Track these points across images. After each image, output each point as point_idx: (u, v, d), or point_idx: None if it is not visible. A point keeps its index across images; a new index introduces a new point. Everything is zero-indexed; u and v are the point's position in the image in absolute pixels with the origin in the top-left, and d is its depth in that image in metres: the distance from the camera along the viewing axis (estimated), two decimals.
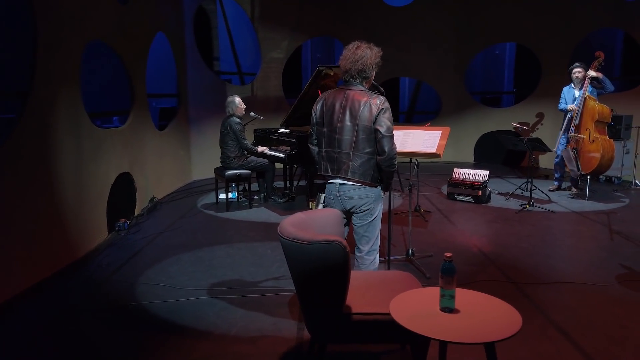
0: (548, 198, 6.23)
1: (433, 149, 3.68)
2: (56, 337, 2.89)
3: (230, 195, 6.23)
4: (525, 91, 9.51)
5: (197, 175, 7.87)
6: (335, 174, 2.82)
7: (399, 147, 3.78)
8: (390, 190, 3.58)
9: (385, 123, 2.71)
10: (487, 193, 6.20)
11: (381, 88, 3.14)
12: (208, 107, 7.95)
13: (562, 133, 6.34)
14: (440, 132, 3.76)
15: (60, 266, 3.92)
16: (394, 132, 3.48)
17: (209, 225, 5.29)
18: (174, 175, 7.15)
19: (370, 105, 2.72)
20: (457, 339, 1.70)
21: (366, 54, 2.79)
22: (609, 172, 7.03)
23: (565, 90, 6.45)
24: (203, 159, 7.75)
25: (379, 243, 2.97)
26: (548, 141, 6.46)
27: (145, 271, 3.89)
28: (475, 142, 9.72)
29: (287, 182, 6.40)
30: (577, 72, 6.29)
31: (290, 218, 2.37)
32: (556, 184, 6.74)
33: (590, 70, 6.08)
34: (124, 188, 5.27)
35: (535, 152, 6.04)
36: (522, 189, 6.52)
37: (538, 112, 8.88)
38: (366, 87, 2.87)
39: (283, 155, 5.87)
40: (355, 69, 2.80)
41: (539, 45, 8.82)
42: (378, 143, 2.73)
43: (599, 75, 6.02)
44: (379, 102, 2.73)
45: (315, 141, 2.97)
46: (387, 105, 2.75)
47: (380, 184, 2.87)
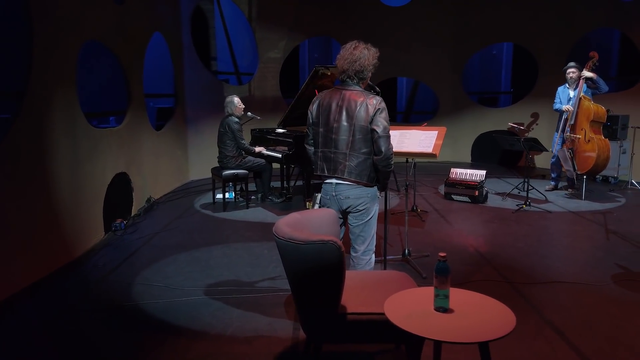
0: (545, 198, 6.25)
1: (429, 149, 3.69)
2: (52, 337, 2.89)
3: (227, 195, 6.23)
4: (523, 91, 9.53)
5: (194, 175, 7.87)
6: (332, 174, 2.82)
7: (396, 147, 3.78)
8: (386, 190, 3.58)
9: (381, 123, 2.71)
10: (484, 193, 6.21)
11: (377, 88, 3.14)
12: (205, 107, 7.95)
13: (559, 133, 6.36)
14: (436, 132, 3.76)
15: (56, 266, 3.91)
16: (391, 132, 3.49)
17: (205, 225, 5.28)
18: (171, 175, 7.14)
19: (366, 105, 2.72)
20: (451, 338, 1.70)
21: (364, 54, 2.79)
22: (605, 172, 7.05)
23: (560, 90, 6.47)
24: (200, 159, 7.75)
25: (374, 243, 2.97)
26: (544, 141, 6.48)
27: (141, 271, 3.89)
28: (473, 142, 9.74)
29: (284, 182, 6.40)
30: (571, 72, 6.31)
31: (285, 218, 2.37)
32: (553, 184, 6.75)
33: (585, 71, 6.09)
34: (120, 188, 5.26)
35: (532, 152, 6.04)
36: (519, 189, 6.54)
37: (534, 112, 8.91)
38: (362, 87, 2.87)
39: (280, 156, 5.87)
40: (353, 70, 2.79)
41: (536, 45, 8.84)
42: (374, 143, 2.74)
43: (593, 75, 6.04)
44: (375, 102, 2.73)
45: (312, 141, 2.97)
46: (383, 105, 2.76)
47: (377, 184, 2.88)
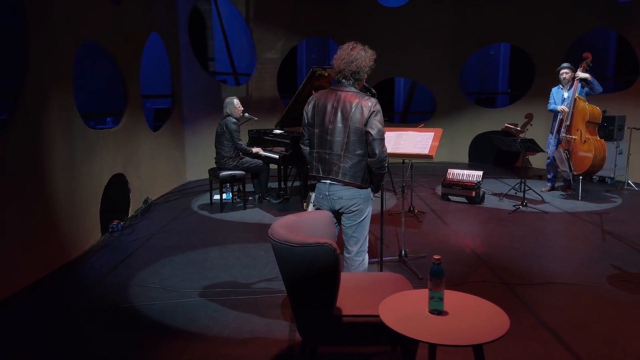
0: (541, 198, 6.26)
1: (425, 151, 3.69)
2: (49, 339, 2.88)
3: (224, 196, 6.23)
4: (520, 92, 9.55)
5: (191, 176, 7.86)
6: (327, 175, 2.82)
7: (392, 149, 3.79)
8: (382, 191, 3.59)
9: (376, 125, 2.71)
10: (481, 194, 6.22)
11: (373, 90, 3.15)
12: (203, 107, 7.95)
13: (555, 134, 6.38)
14: (432, 133, 3.77)
15: (53, 268, 3.91)
16: (387, 133, 3.49)
17: (203, 227, 5.28)
18: (168, 176, 7.14)
19: (361, 107, 2.72)
20: (445, 341, 1.71)
21: (361, 55, 2.79)
22: (602, 173, 7.07)
23: (554, 91, 6.48)
24: (198, 160, 7.75)
25: (367, 244, 2.97)
26: (541, 142, 6.49)
27: (138, 273, 3.89)
28: (470, 143, 9.76)
29: (282, 182, 6.40)
30: (564, 73, 6.33)
31: (281, 220, 2.38)
32: (549, 184, 6.77)
33: (579, 72, 6.11)
34: (117, 189, 5.26)
35: (528, 153, 6.05)
36: (516, 190, 6.55)
37: (529, 112, 8.92)
38: (358, 88, 2.88)
39: (277, 156, 5.87)
40: (349, 70, 2.80)
41: (532, 46, 8.86)
42: (369, 145, 2.74)
43: (587, 76, 6.05)
44: (370, 104, 2.74)
45: (307, 141, 2.97)
46: (378, 107, 2.76)
47: (371, 185, 2.89)
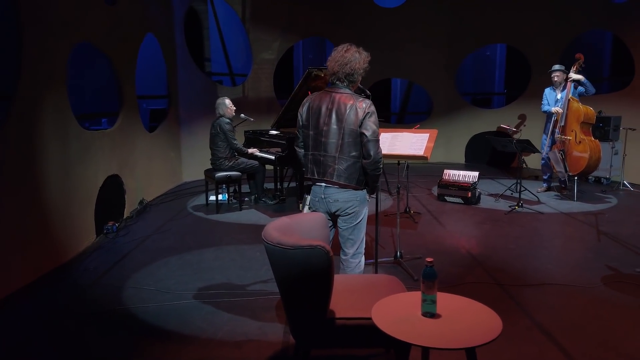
0: (537, 199, 6.27)
1: (421, 152, 3.69)
2: (42, 342, 2.87)
3: (220, 197, 6.21)
4: (516, 92, 9.57)
5: (187, 176, 7.85)
6: (322, 177, 2.81)
7: (387, 150, 3.79)
8: (377, 192, 3.59)
9: (370, 127, 2.71)
10: (477, 194, 6.23)
11: (368, 92, 3.15)
12: (199, 108, 7.93)
13: (549, 135, 6.39)
14: (427, 134, 3.77)
15: (46, 270, 3.89)
16: (382, 134, 3.48)
17: (198, 228, 5.27)
18: (164, 177, 7.12)
19: (356, 108, 2.72)
20: (437, 344, 1.71)
21: (355, 57, 2.78)
22: (598, 173, 7.09)
23: (547, 92, 6.49)
24: (194, 161, 7.73)
25: (364, 246, 2.97)
26: (537, 142, 6.51)
27: (132, 275, 3.87)
28: (467, 143, 9.77)
29: (278, 183, 6.39)
30: (556, 75, 6.35)
31: (275, 222, 2.37)
32: (545, 185, 6.78)
33: (572, 73, 6.12)
34: (113, 190, 5.24)
35: (524, 153, 6.06)
36: (512, 190, 6.56)
37: (522, 113, 8.94)
38: (352, 90, 2.87)
39: (273, 157, 5.87)
40: (343, 72, 2.79)
41: (528, 46, 8.88)
42: (364, 147, 2.74)
43: (581, 77, 6.07)
44: (364, 105, 2.73)
45: (302, 144, 2.96)
46: (372, 109, 2.76)
47: (366, 187, 2.88)
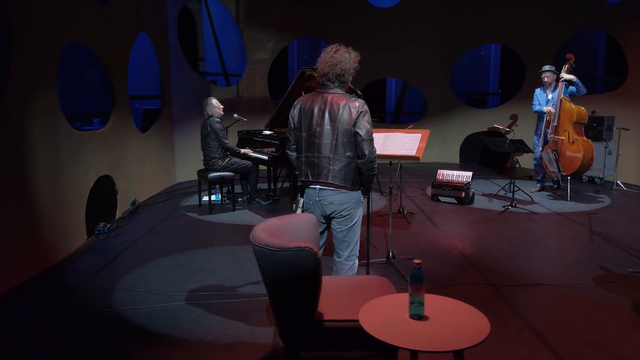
0: (531, 199, 6.27)
1: (413, 152, 3.68)
2: (27, 346, 2.83)
3: (213, 197, 6.18)
4: (511, 92, 9.57)
5: (181, 177, 7.81)
6: (316, 179, 2.78)
7: (380, 150, 3.77)
8: (369, 194, 3.57)
9: (364, 126, 2.69)
10: (470, 194, 6.22)
11: (359, 92, 3.14)
12: (192, 108, 7.87)
13: (542, 135, 6.39)
14: (420, 134, 3.76)
15: (37, 271, 3.85)
16: (375, 134, 3.47)
17: (190, 229, 5.24)
18: (157, 177, 7.08)
19: (349, 108, 2.70)
20: (424, 347, 1.69)
21: (345, 57, 2.77)
22: (591, 173, 7.10)
23: (538, 92, 6.49)
24: (188, 161, 7.69)
25: (358, 248, 2.95)
26: (530, 143, 6.51)
27: (123, 276, 3.84)
28: (461, 143, 9.77)
29: (271, 184, 6.37)
30: (546, 76, 6.35)
31: (263, 224, 2.35)
32: (539, 185, 6.78)
33: (563, 73, 6.12)
34: (104, 191, 5.20)
35: (517, 153, 6.06)
36: (505, 190, 6.56)
37: (514, 113, 8.94)
38: (343, 90, 2.86)
39: (266, 158, 5.84)
40: (334, 73, 2.77)
41: (522, 46, 8.89)
42: (358, 146, 2.72)
43: (573, 77, 6.07)
44: (358, 104, 2.72)
45: (294, 146, 2.93)
46: (366, 108, 2.74)
47: (361, 187, 2.86)
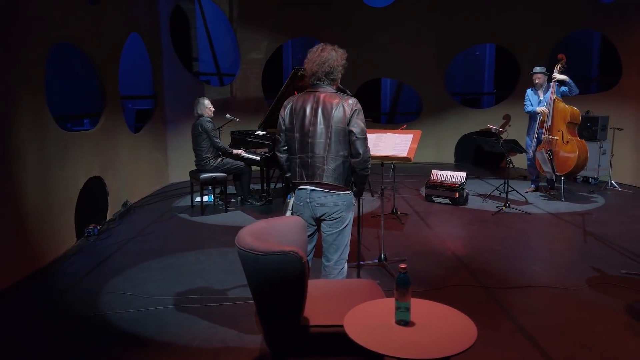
0: (525, 199, 6.24)
1: (404, 153, 3.64)
2: (9, 351, 2.78)
3: (206, 198, 6.14)
4: (505, 92, 9.55)
5: (174, 178, 7.75)
6: (310, 180, 2.73)
7: (371, 151, 3.70)
8: (361, 196, 3.53)
9: (359, 125, 2.67)
10: (464, 195, 6.19)
11: (348, 92, 3.10)
12: (185, 108, 7.78)
13: (535, 135, 6.36)
14: (411, 135, 3.72)
15: (24, 274, 3.80)
16: (367, 135, 3.43)
17: (182, 230, 5.19)
18: (149, 178, 7.02)
19: (343, 106, 2.67)
20: (410, 355, 1.65)
21: (332, 55, 2.74)
22: (585, 173, 7.09)
23: (529, 93, 6.46)
24: (181, 162, 7.61)
25: (348, 252, 2.90)
26: (523, 143, 6.49)
27: (111, 279, 3.79)
28: (456, 143, 9.74)
29: (264, 184, 6.32)
30: (537, 78, 6.33)
31: (249, 227, 2.31)
32: (533, 185, 6.76)
33: (556, 73, 6.09)
34: (95, 193, 5.14)
35: (511, 153, 6.04)
36: (500, 191, 6.53)
37: (507, 113, 8.92)
38: (334, 89, 2.82)
39: (259, 158, 5.80)
40: (323, 71, 2.74)
41: (517, 46, 8.87)
42: (352, 145, 2.68)
43: (565, 78, 6.05)
44: (351, 102, 2.69)
45: (284, 148, 2.87)
46: (359, 106, 2.72)
47: (354, 187, 2.82)
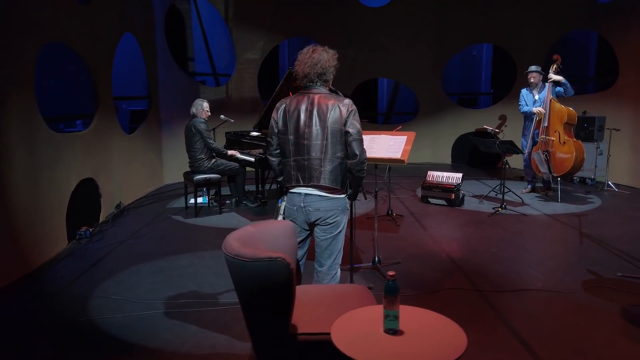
0: (521, 200, 6.21)
1: (398, 155, 3.60)
2: None
3: (200, 199, 6.09)
4: (502, 92, 9.52)
5: (169, 179, 7.70)
6: (307, 183, 2.67)
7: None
8: (355, 198, 3.49)
9: (355, 125, 2.64)
10: (460, 196, 6.15)
11: (340, 93, 3.06)
12: (180, 108, 7.75)
13: (531, 135, 6.33)
14: (405, 137, 3.68)
15: (14, 278, 3.75)
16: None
17: (175, 232, 5.14)
18: (144, 179, 6.97)
19: (338, 107, 2.64)
20: None
21: (323, 57, 2.72)
22: (582, 174, 7.06)
23: (524, 93, 6.43)
24: (176, 163, 7.57)
25: (341, 257, 2.85)
26: (520, 143, 6.45)
27: (102, 283, 3.74)
28: (453, 144, 9.71)
29: (259, 186, 6.28)
30: (532, 76, 6.29)
31: (237, 232, 2.27)
32: (529, 186, 6.72)
33: (552, 74, 6.06)
34: (87, 195, 5.09)
35: (507, 154, 6.00)
36: (496, 192, 6.49)
37: (503, 114, 8.89)
38: (327, 90, 2.79)
39: (253, 159, 5.76)
40: (315, 73, 2.71)
41: (514, 46, 8.84)
42: (348, 146, 2.65)
43: (560, 78, 6.02)
44: (347, 103, 2.67)
45: (277, 151, 2.81)
46: (355, 107, 2.69)
47: (349, 190, 2.79)
